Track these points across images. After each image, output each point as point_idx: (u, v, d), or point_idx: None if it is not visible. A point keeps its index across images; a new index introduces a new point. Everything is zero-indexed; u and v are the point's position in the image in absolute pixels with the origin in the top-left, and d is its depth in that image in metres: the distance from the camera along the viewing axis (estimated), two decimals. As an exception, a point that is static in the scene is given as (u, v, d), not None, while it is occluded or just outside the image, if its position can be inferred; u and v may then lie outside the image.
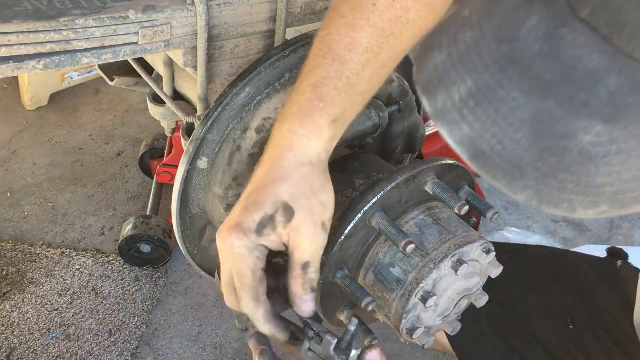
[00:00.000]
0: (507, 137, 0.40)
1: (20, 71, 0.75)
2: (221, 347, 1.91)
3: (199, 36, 0.88)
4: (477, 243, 0.87)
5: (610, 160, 0.38)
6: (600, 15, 0.35)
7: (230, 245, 0.69)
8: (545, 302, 1.26)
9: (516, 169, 0.41)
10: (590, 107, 0.37)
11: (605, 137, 0.37)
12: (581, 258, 1.42)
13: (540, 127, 0.39)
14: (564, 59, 0.38)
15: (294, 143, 0.69)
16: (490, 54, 0.41)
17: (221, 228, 0.71)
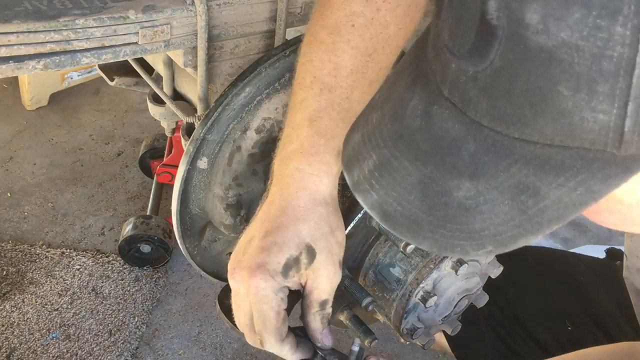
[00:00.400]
0: (404, 199, 0.48)
1: (20, 71, 0.75)
2: (221, 347, 1.91)
3: (199, 36, 0.88)
4: (477, 243, 0.87)
5: (481, 209, 0.45)
6: (454, 93, 0.43)
7: (255, 287, 0.69)
8: (544, 303, 1.26)
9: (415, 224, 0.48)
10: (458, 168, 0.45)
11: (473, 191, 0.45)
12: (580, 259, 1.43)
13: (426, 189, 0.47)
14: (435, 130, 0.45)
15: (305, 182, 0.70)
16: (387, 132, 0.50)
17: (235, 268, 0.71)
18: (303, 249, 0.70)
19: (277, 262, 0.69)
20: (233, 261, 0.72)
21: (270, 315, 0.71)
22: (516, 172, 0.43)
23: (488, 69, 0.40)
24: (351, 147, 0.54)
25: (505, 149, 0.42)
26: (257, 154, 0.92)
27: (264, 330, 0.72)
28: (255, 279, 0.69)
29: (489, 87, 0.40)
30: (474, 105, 0.42)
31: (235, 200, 0.95)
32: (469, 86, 0.42)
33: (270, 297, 0.70)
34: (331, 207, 0.73)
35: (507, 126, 0.41)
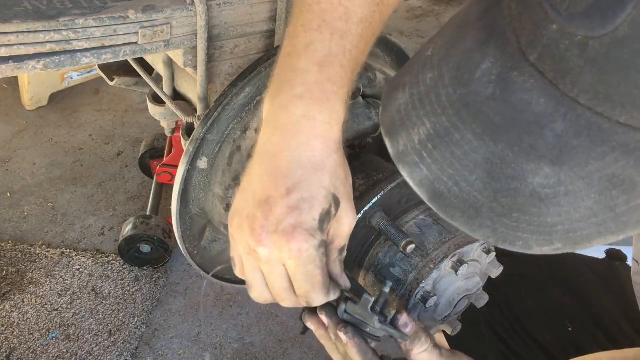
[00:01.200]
0: (463, 179, 0.42)
1: (20, 71, 0.75)
2: (221, 347, 1.91)
3: (199, 36, 0.88)
4: (477, 243, 0.87)
5: (559, 201, 0.39)
6: (546, 61, 0.37)
7: (297, 250, 0.64)
8: (544, 304, 1.25)
9: (472, 209, 0.42)
10: (538, 150, 0.38)
11: (553, 179, 0.39)
12: (580, 259, 1.42)
13: (493, 170, 0.40)
14: (514, 102, 0.39)
15: (317, 130, 0.64)
16: (447, 97, 0.43)
17: (262, 234, 0.64)
18: (331, 200, 0.65)
19: (312, 219, 0.64)
20: (251, 227, 0.65)
21: (316, 273, 0.67)
22: (612, 163, 0.37)
23: (608, 37, 0.33)
24: (395, 110, 0.47)
25: (604, 134, 0.36)
26: (257, 154, 0.92)
27: (311, 290, 0.68)
28: (295, 242, 0.63)
29: (602, 58, 0.34)
30: (573, 78, 0.36)
31: (235, 200, 0.95)
32: (571, 54, 0.35)
33: (313, 255, 0.65)
34: (341, 153, 0.68)
35: (614, 108, 0.35)
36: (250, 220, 0.65)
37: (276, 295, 0.71)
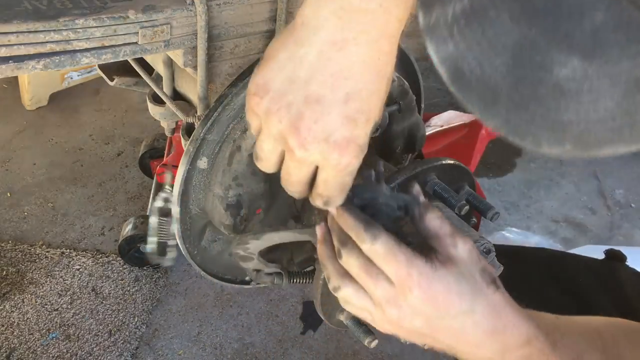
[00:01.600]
0: (488, 61, 0.40)
1: (20, 71, 0.75)
2: (221, 347, 1.91)
3: (199, 36, 0.88)
4: (477, 243, 0.87)
5: (580, 97, 0.38)
6: None
7: (345, 164, 0.60)
8: (542, 307, 1.25)
9: (490, 94, 0.40)
10: (572, 39, 0.36)
11: (580, 73, 0.37)
12: (579, 260, 1.42)
13: (521, 55, 0.39)
14: None
15: (390, 28, 0.57)
16: None
17: (309, 140, 0.58)
18: (381, 114, 0.60)
19: (364, 134, 0.59)
20: (294, 125, 0.58)
21: (348, 181, 0.63)
22: None
23: None
24: None
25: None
26: (257, 154, 0.92)
27: (337, 194, 0.64)
28: (346, 157, 0.58)
29: None
30: None
31: (235, 200, 0.95)
32: None
33: (355, 169, 0.61)
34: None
35: None
36: (293, 116, 0.57)
37: (287, 181, 0.66)
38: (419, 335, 0.68)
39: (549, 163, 2.69)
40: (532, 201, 2.50)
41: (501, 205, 2.46)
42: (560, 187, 2.58)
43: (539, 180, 2.61)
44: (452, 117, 2.00)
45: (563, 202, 2.50)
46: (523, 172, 2.64)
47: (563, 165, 2.69)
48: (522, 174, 2.63)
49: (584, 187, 2.58)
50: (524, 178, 2.61)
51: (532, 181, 2.60)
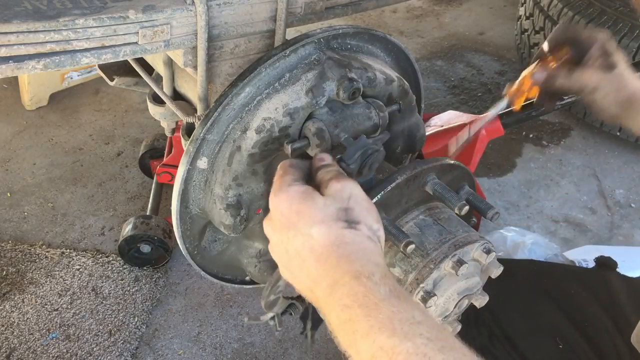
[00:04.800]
0: None
1: (20, 71, 0.75)
2: (221, 347, 1.91)
3: (199, 36, 0.88)
4: (477, 243, 0.87)
5: None
6: None
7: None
8: (534, 321, 1.24)
9: None
10: None
11: None
12: (569, 270, 1.41)
13: None
14: None
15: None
16: None
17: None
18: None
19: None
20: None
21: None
22: None
23: None
24: None
25: None
26: (257, 154, 0.91)
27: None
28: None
29: None
30: None
31: (235, 200, 0.95)
32: None
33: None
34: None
35: None
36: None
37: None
38: (283, 263, 0.78)
39: (549, 163, 2.69)
40: (532, 201, 2.50)
41: (501, 205, 2.46)
42: (560, 187, 2.58)
43: (539, 180, 2.60)
44: (452, 117, 2.00)
45: (563, 202, 2.50)
46: (523, 172, 2.64)
47: (563, 165, 2.69)
48: (522, 174, 2.63)
49: (584, 187, 2.58)
50: (524, 178, 2.61)
51: (532, 181, 2.60)
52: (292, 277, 0.78)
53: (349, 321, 0.66)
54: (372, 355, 0.63)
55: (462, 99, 3.03)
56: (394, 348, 0.62)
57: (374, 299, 0.66)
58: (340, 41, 0.98)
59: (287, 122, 0.91)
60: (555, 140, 2.82)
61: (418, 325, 0.63)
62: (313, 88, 0.90)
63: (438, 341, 0.62)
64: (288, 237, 0.75)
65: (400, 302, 0.66)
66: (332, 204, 0.74)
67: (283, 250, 0.76)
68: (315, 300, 0.74)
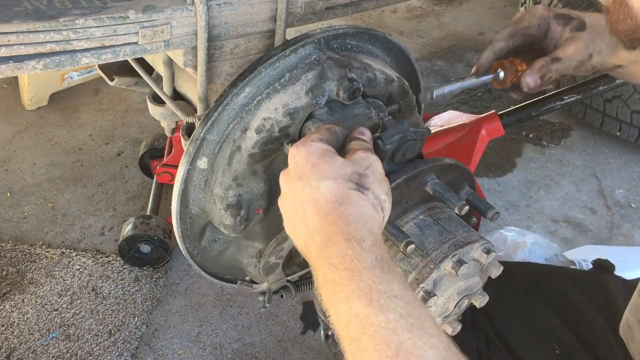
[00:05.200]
0: None
1: (20, 71, 0.75)
2: (221, 347, 1.91)
3: (199, 36, 0.88)
4: (477, 243, 0.87)
5: None
6: None
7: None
8: (531, 326, 1.24)
9: None
10: None
11: None
12: (567, 274, 1.41)
13: None
14: None
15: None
16: None
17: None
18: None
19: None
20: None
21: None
22: None
23: None
24: None
25: None
26: (257, 154, 0.92)
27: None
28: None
29: None
30: None
31: (235, 200, 0.95)
32: None
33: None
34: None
35: None
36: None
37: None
38: (288, 213, 0.79)
39: (549, 163, 2.69)
40: (532, 201, 2.50)
41: (501, 205, 2.46)
42: (560, 187, 2.58)
43: (539, 180, 2.60)
44: (452, 117, 2.00)
45: (563, 202, 2.50)
46: (523, 172, 2.64)
47: (563, 165, 2.69)
48: (522, 174, 2.63)
49: (584, 187, 2.58)
50: (524, 178, 2.61)
51: (532, 181, 2.60)
52: (292, 229, 0.79)
53: (332, 281, 0.68)
54: (348, 320, 0.66)
55: (462, 99, 3.03)
56: (368, 318, 0.64)
57: (359, 266, 0.68)
58: (340, 41, 0.98)
59: (287, 122, 0.91)
60: (555, 140, 2.82)
61: (394, 300, 0.65)
62: (313, 88, 0.90)
63: (409, 318, 0.64)
64: (297, 187, 0.76)
65: (383, 273, 0.68)
66: (349, 166, 0.76)
67: (290, 200, 0.78)
68: (308, 255, 0.76)
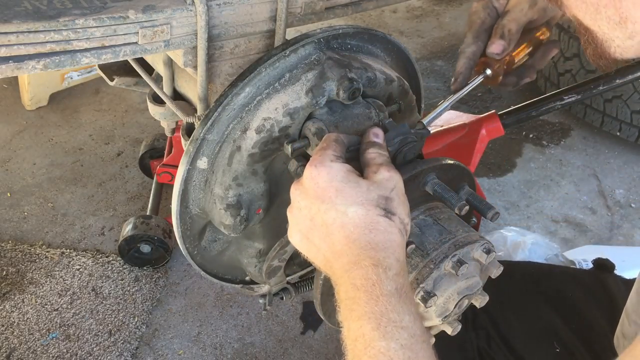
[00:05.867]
0: None
1: (20, 71, 0.75)
2: (221, 347, 1.91)
3: (199, 36, 0.88)
4: (477, 243, 0.87)
5: None
6: None
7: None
8: (532, 324, 1.24)
9: None
10: None
11: None
12: (568, 273, 1.41)
13: None
14: None
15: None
16: None
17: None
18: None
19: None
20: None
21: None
22: None
23: None
24: None
25: None
26: (257, 154, 0.91)
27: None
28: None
29: None
30: None
31: (235, 200, 0.95)
32: None
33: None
34: None
35: None
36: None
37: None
38: (303, 229, 0.80)
39: (549, 163, 2.69)
40: (532, 201, 2.50)
41: (501, 205, 2.46)
42: (560, 187, 2.58)
43: (539, 180, 2.61)
44: (452, 117, 2.00)
45: (563, 202, 2.50)
46: (523, 172, 2.64)
47: (563, 165, 2.69)
48: (522, 174, 2.63)
49: (584, 187, 2.58)
50: (524, 178, 2.61)
51: (532, 181, 2.60)
52: (306, 242, 0.80)
53: (351, 299, 0.72)
54: (356, 338, 0.71)
55: (462, 99, 3.02)
56: (372, 341, 0.69)
57: (378, 291, 0.71)
58: (340, 41, 0.98)
59: (287, 122, 0.91)
60: (555, 140, 2.82)
61: (400, 330, 0.69)
62: (313, 88, 0.90)
63: (408, 351, 0.69)
64: (319, 208, 0.77)
65: (398, 302, 0.71)
66: (375, 190, 0.77)
67: (307, 217, 0.79)
68: (328, 270, 0.78)
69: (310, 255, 0.81)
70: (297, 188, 0.80)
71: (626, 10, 0.53)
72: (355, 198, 0.76)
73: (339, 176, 0.77)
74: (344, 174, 0.77)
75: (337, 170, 0.77)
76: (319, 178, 0.77)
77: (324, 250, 0.78)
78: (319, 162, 0.78)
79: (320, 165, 0.78)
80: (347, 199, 0.76)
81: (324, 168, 0.77)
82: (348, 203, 0.75)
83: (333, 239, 0.76)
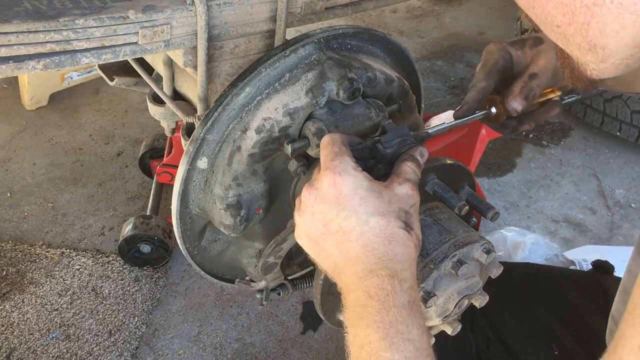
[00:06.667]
0: None
1: (20, 71, 0.75)
2: (221, 347, 1.91)
3: (199, 36, 0.88)
4: (477, 243, 0.87)
5: None
6: None
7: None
8: (530, 327, 1.24)
9: None
10: None
11: None
12: (566, 275, 1.41)
13: None
14: None
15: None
16: None
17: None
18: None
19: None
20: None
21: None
22: None
23: None
24: None
25: None
26: (257, 154, 0.91)
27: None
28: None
29: None
30: None
31: (235, 200, 0.95)
32: None
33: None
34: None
35: None
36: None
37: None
38: (313, 233, 0.79)
39: (549, 163, 2.69)
40: (532, 201, 2.50)
41: (501, 205, 2.46)
42: (560, 187, 2.58)
43: (539, 180, 2.61)
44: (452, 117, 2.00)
45: (563, 202, 2.50)
46: (523, 172, 2.64)
47: (563, 165, 2.69)
48: (522, 174, 2.63)
49: (584, 187, 2.58)
50: (524, 178, 2.61)
51: (532, 181, 2.60)
52: (315, 246, 0.80)
53: (362, 307, 0.72)
54: (362, 345, 0.71)
55: (462, 99, 3.03)
56: (377, 350, 0.69)
57: (391, 302, 0.71)
58: (340, 41, 0.98)
59: (287, 122, 0.91)
60: (555, 140, 2.82)
61: (407, 342, 0.70)
62: (313, 88, 0.90)
63: None
64: (338, 214, 0.77)
65: (409, 315, 0.72)
66: (397, 202, 0.78)
67: (320, 221, 0.78)
68: (336, 275, 0.79)
69: (319, 259, 0.81)
70: (311, 193, 0.80)
71: (594, 39, 0.54)
72: (378, 208, 0.76)
73: (364, 185, 0.77)
74: (368, 184, 0.78)
75: (362, 180, 0.78)
76: (342, 185, 0.77)
77: (335, 257, 0.78)
78: (343, 169, 0.78)
79: (345, 174, 0.78)
80: (371, 208, 0.76)
81: (349, 176, 0.78)
82: (370, 212, 0.76)
83: (348, 246, 0.76)
